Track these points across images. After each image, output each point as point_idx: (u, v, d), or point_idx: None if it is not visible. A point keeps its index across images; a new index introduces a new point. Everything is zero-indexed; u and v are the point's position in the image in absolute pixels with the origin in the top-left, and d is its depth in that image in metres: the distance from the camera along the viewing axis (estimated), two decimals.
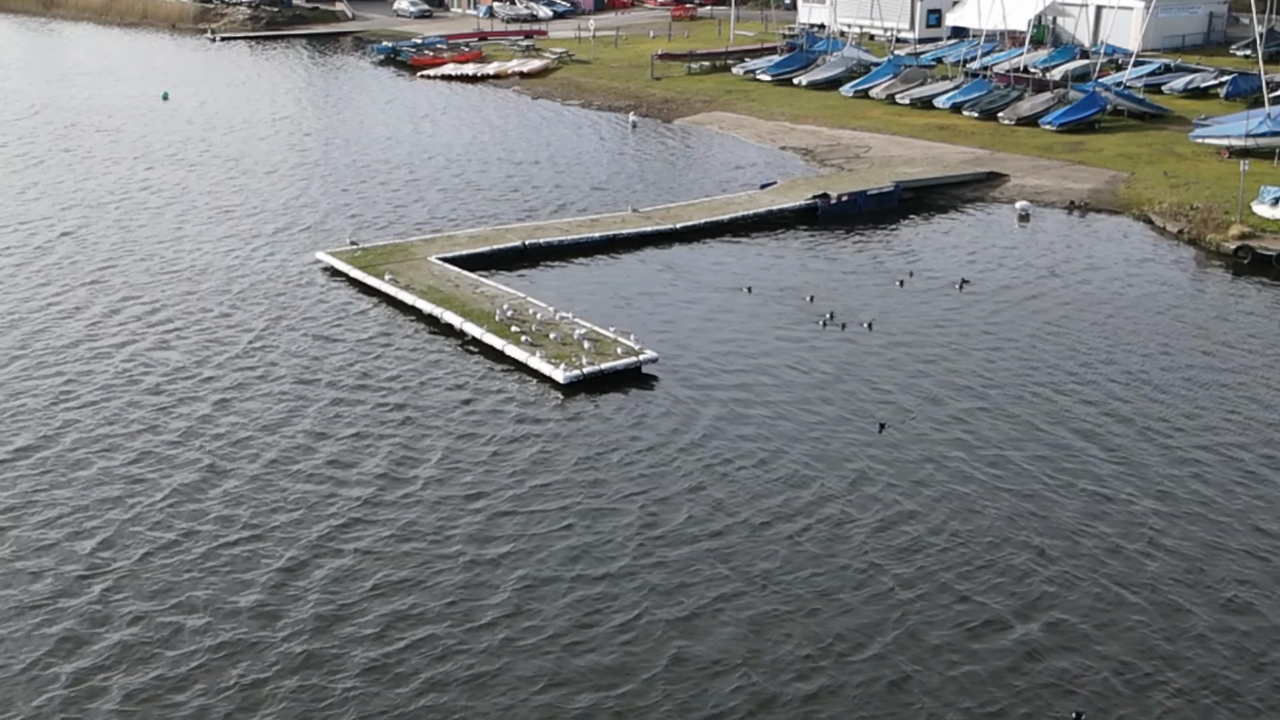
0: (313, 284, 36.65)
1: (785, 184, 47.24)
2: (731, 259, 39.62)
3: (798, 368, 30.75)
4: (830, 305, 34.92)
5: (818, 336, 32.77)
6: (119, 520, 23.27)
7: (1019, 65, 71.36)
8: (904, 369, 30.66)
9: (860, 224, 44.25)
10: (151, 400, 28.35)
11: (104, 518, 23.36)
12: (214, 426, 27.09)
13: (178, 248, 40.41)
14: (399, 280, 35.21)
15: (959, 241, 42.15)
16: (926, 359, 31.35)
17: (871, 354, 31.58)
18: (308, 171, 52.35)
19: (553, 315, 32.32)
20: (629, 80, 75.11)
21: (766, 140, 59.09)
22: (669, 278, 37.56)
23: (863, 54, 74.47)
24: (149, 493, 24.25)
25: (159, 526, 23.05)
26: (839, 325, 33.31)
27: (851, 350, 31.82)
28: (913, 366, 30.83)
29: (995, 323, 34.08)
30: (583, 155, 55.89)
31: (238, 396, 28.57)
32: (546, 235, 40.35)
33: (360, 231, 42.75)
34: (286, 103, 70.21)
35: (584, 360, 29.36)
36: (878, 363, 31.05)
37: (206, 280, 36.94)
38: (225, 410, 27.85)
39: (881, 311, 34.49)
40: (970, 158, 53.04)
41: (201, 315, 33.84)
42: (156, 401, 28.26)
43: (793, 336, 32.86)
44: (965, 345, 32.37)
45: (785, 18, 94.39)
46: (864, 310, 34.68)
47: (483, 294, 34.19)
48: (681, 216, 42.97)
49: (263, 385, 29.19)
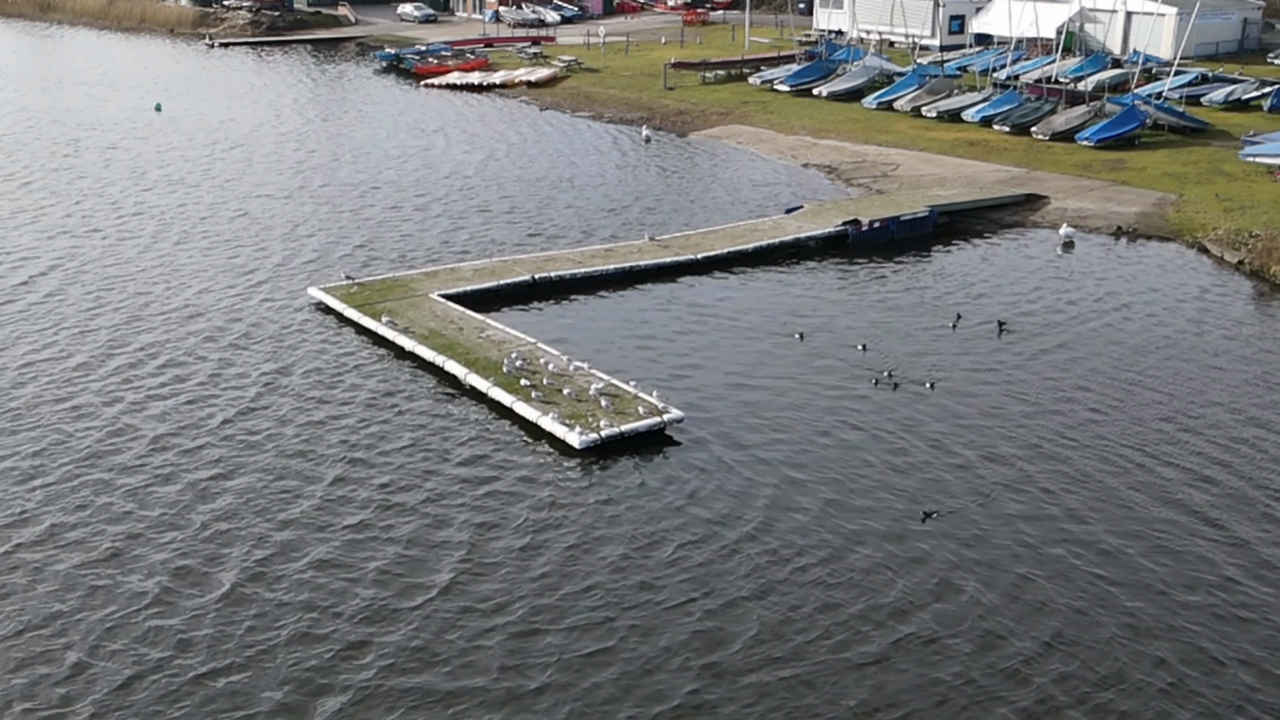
0: (306, 327, 33.60)
1: (812, 208, 44.25)
2: (759, 294, 36.59)
3: (851, 431, 27.27)
4: (878, 351, 31.64)
5: (871, 393, 29.34)
6: (94, 635, 20.25)
7: (1048, 75, 68.40)
8: (972, 432, 27.26)
9: (893, 252, 41.25)
10: (125, 483, 24.94)
11: (81, 625, 20.38)
12: (190, 518, 23.56)
13: (168, 283, 37.36)
14: (397, 323, 32.26)
15: (1000, 272, 39.12)
16: (992, 416, 28.05)
17: (933, 414, 28.14)
18: (307, 194, 49.43)
19: (566, 365, 29.36)
20: (641, 90, 72.20)
21: (788, 156, 56.11)
22: (692, 317, 34.51)
23: (885, 63, 71.46)
24: (130, 603, 21.04)
25: (143, 642, 19.81)
26: (892, 385, 29.64)
27: (910, 409, 28.39)
28: (981, 428, 27.44)
29: (1060, 371, 30.82)
30: (594, 173, 52.94)
31: (216, 481, 24.91)
32: (558, 267, 37.40)
33: (362, 257, 39.83)
34: (286, 115, 67.32)
35: (601, 421, 26.36)
36: (941, 425, 27.53)
37: (195, 324, 33.88)
38: (203, 499, 24.20)
39: (937, 364, 30.97)
40: (1005, 177, 50.03)
41: (186, 371, 30.51)
42: (130, 485, 24.87)
43: (840, 390, 29.46)
44: (1033, 398, 29.05)
45: (800, 23, 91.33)
46: (913, 355, 31.64)
47: (489, 339, 31.24)
48: (702, 245, 40.01)
49: (244, 462, 25.69)
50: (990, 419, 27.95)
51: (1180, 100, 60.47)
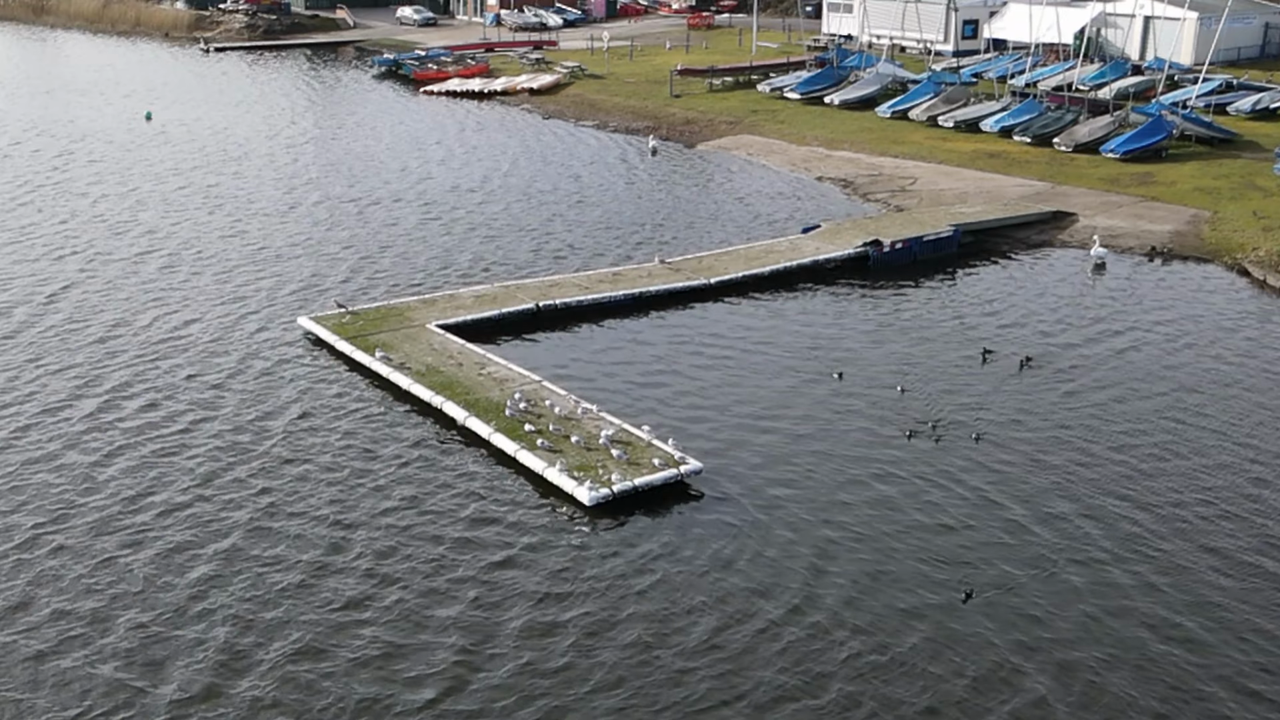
0: (295, 362, 31.38)
1: (830, 228, 42.08)
2: (780, 323, 34.38)
3: (889, 484, 24.86)
4: (916, 393, 29.20)
5: (909, 441, 26.99)
6: None
7: (1067, 82, 66.21)
8: (1020, 486, 24.82)
9: (917, 275, 39.09)
10: (91, 548, 22.79)
11: None
12: (158, 597, 21.22)
13: (150, 312, 35.11)
14: (392, 358, 30.10)
15: (1031, 298, 36.93)
16: (1040, 467, 25.61)
17: (975, 465, 25.76)
18: (299, 212, 47.30)
19: (573, 407, 27.19)
20: (646, 98, 70.03)
21: (800, 169, 53.95)
22: (708, 349, 32.29)
23: (898, 70, 69.26)
24: (86, 701, 18.79)
25: None
26: (935, 438, 27.04)
27: (950, 458, 26.01)
28: (1030, 483, 24.94)
29: (1107, 413, 28.44)
30: (600, 187, 50.77)
31: (189, 549, 22.47)
32: (563, 294, 35.25)
33: (357, 280, 37.70)
34: (279, 125, 65.15)
35: (613, 474, 24.19)
36: (986, 478, 25.13)
37: (176, 359, 31.64)
38: (173, 570, 21.82)
39: (973, 405, 28.65)
40: (1030, 192, 47.87)
41: (162, 415, 28.20)
42: (96, 551, 22.72)
43: (875, 436, 27.05)
44: (1083, 445, 26.62)
45: (808, 27, 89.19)
46: (945, 392, 29.45)
47: (490, 376, 29.08)
48: (715, 268, 37.85)
49: (221, 526, 23.30)
50: (1038, 471, 25.62)
51: (1208, 109, 58.24)
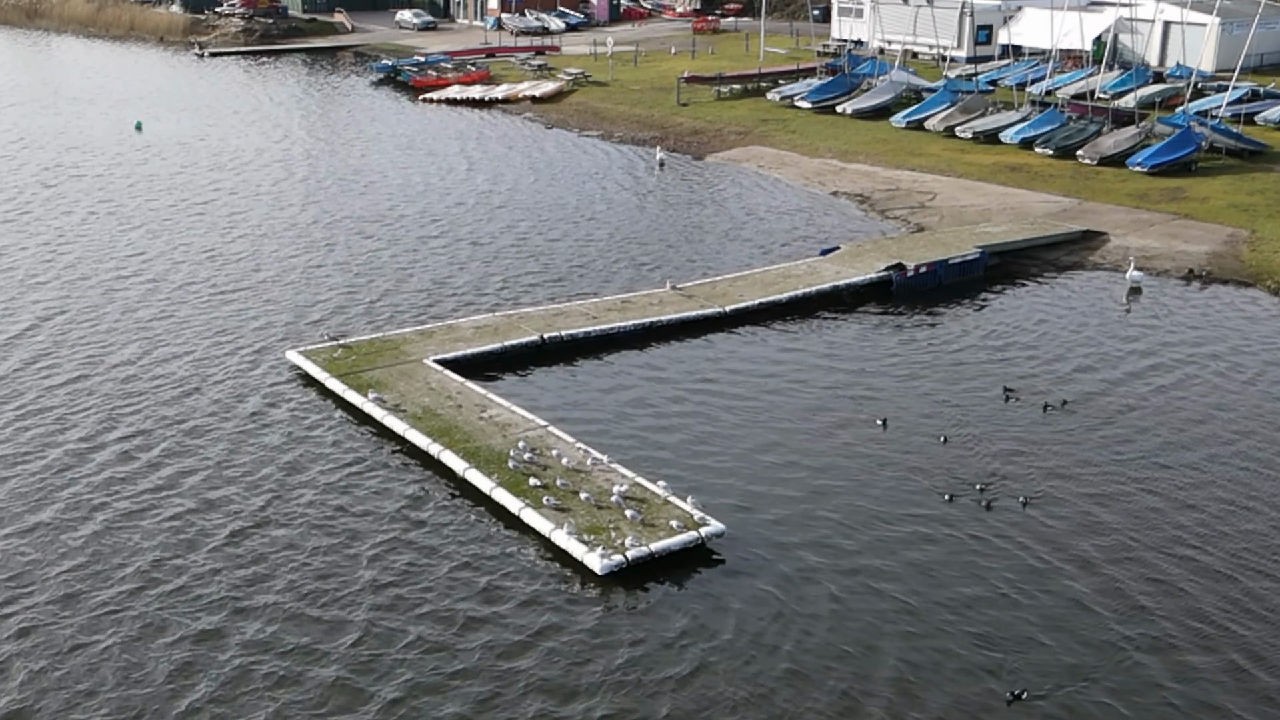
0: (283, 403, 29.19)
1: (850, 249, 39.94)
2: (802, 357, 32.16)
3: (935, 549, 22.64)
4: (960, 445, 26.84)
5: (948, 499, 24.74)
6: None
7: (1087, 90, 64.06)
8: (1076, 556, 22.44)
9: (942, 300, 36.96)
10: (37, 643, 20.99)
11: None
12: (136, 697, 19.14)
13: (129, 345, 32.92)
14: (385, 399, 27.97)
15: (1065, 327, 34.76)
16: (1093, 533, 23.26)
17: (1025, 529, 23.40)
18: (291, 232, 45.18)
19: (582, 458, 25.05)
20: (652, 106, 67.92)
21: (814, 183, 51.82)
22: (726, 387, 30.09)
23: (912, 78, 67.12)
24: None
25: None
26: (984, 504, 24.40)
27: (998, 520, 23.74)
28: (1087, 553, 22.48)
29: (1164, 464, 26.09)
30: (606, 203, 48.64)
31: (148, 634, 20.23)
32: (569, 324, 33.13)
33: (351, 308, 35.57)
34: (273, 137, 63.02)
35: (627, 537, 22.06)
36: (1040, 549, 22.67)
37: (153, 399, 29.52)
38: (151, 661, 19.89)
39: (1021, 455, 26.38)
40: (1056, 209, 45.73)
41: (131, 469, 25.91)
42: (43, 645, 20.93)
43: (915, 493, 24.83)
44: (1140, 505, 24.26)
45: (816, 32, 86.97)
46: (981, 436, 27.38)
47: (492, 420, 26.94)
48: (730, 295, 35.72)
49: (194, 601, 21.19)
50: (1092, 534, 23.27)
51: (1236, 120, 56.06)
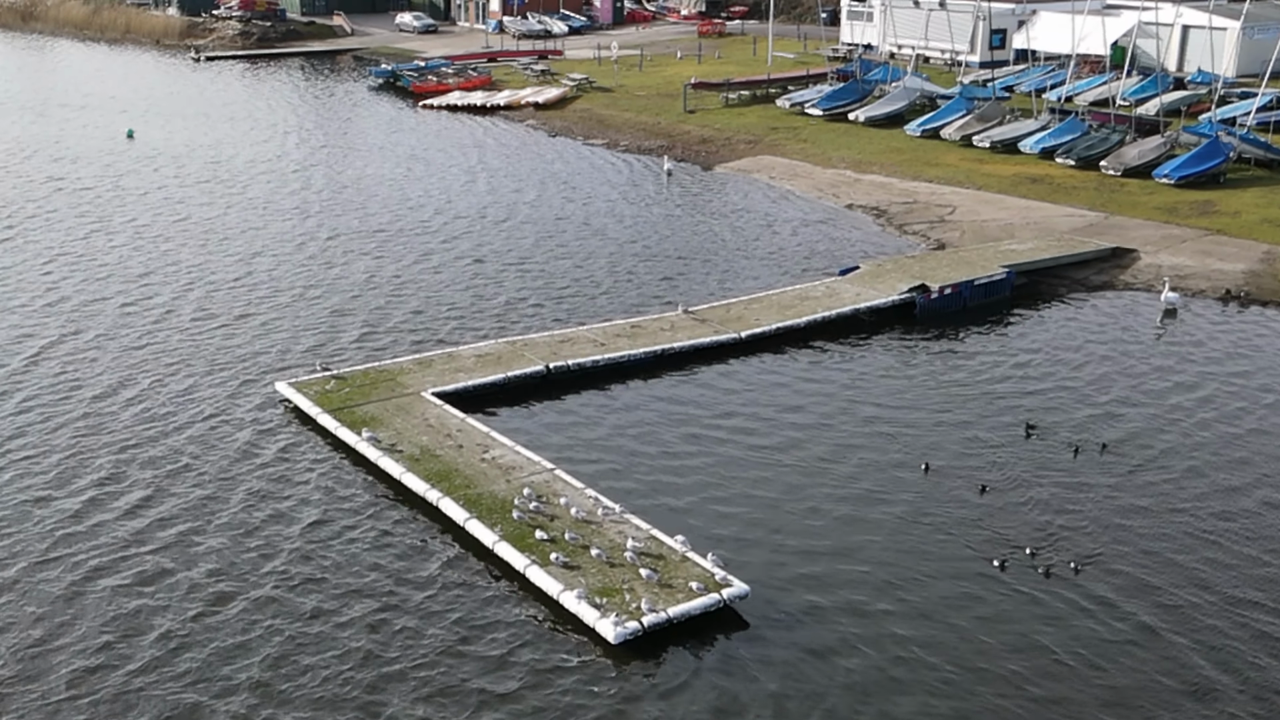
0: (270, 439, 27.34)
1: (870, 269, 38.06)
2: (825, 389, 30.25)
3: (981, 618, 20.69)
4: (999, 494, 24.85)
5: (1000, 565, 22.44)
6: None
7: (1106, 97, 62.22)
8: (1133, 628, 20.63)
9: (968, 324, 35.12)
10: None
11: None
12: None
13: (107, 377, 31.02)
14: (380, 439, 26.12)
15: (1100, 355, 32.89)
16: (1156, 606, 21.28)
17: (1081, 596, 21.31)
18: (283, 249, 43.35)
19: (592, 506, 23.20)
20: (659, 113, 66.08)
21: (828, 195, 49.96)
22: (746, 424, 28.18)
23: (926, 84, 65.26)
24: None
25: None
26: (1042, 571, 22.14)
27: (1053, 585, 21.83)
28: (1149, 630, 20.50)
29: (1223, 514, 24.14)
30: (612, 216, 46.80)
31: (121, 707, 18.88)
32: (576, 352, 31.28)
33: (345, 332, 33.73)
34: (270, 147, 61.19)
35: (642, 601, 20.20)
36: (1093, 624, 20.59)
37: (131, 434, 27.76)
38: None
39: (1067, 510, 24.39)
40: (1082, 224, 43.87)
41: (102, 515, 24.30)
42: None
43: (956, 547, 22.85)
44: (1205, 568, 22.25)
45: (824, 35, 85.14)
46: (1018, 482, 25.54)
47: (495, 463, 25.09)
48: (745, 319, 33.88)
49: (165, 672, 19.73)
50: (1150, 604, 21.26)
51: (1265, 129, 54.16)
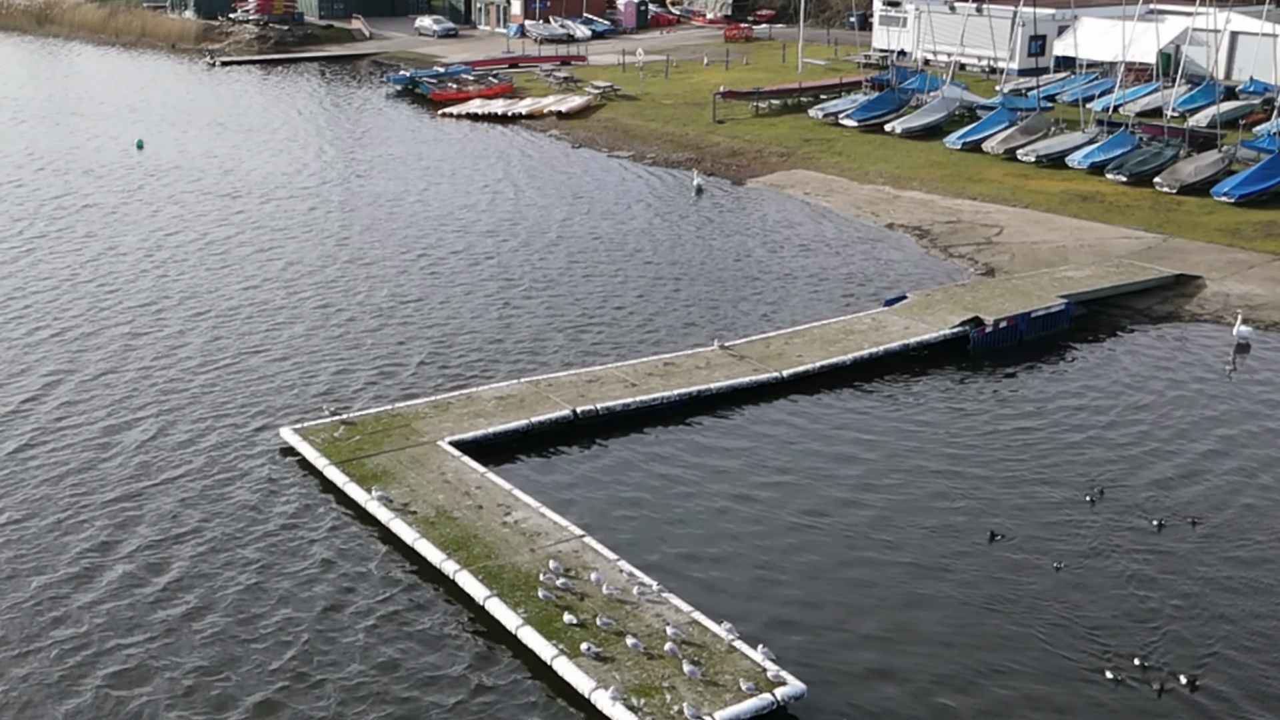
0: (273, 496, 24.98)
1: (918, 299, 35.57)
2: (878, 439, 27.55)
3: None
4: (1075, 576, 22.14)
5: (1116, 681, 19.27)
6: None
7: (1155, 107, 59.57)
8: None
9: (1026, 360, 32.63)
10: None
11: None
12: None
13: (98, 420, 28.73)
14: (392, 498, 23.80)
15: (1170, 399, 30.23)
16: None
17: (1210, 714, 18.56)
18: (292, 274, 41.11)
19: (626, 582, 20.82)
20: (686, 123, 63.67)
21: (867, 213, 47.48)
22: (795, 480, 25.67)
23: (965, 93, 62.70)
24: None
25: None
26: (1157, 688, 18.96)
27: (1169, 697, 18.99)
28: None
29: None
30: (640, 235, 44.41)
31: None
32: (604, 394, 28.90)
33: (355, 370, 31.45)
34: (284, 160, 58.99)
35: (684, 701, 17.79)
36: None
37: (118, 486, 25.57)
38: None
39: (1187, 616, 21.21)
40: (1139, 247, 41.30)
41: (72, 593, 22.35)
42: None
43: (1035, 633, 20.35)
44: None
45: (855, 40, 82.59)
46: (1103, 559, 23.06)
47: (518, 528, 22.73)
48: (786, 355, 31.45)
49: None
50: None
51: None
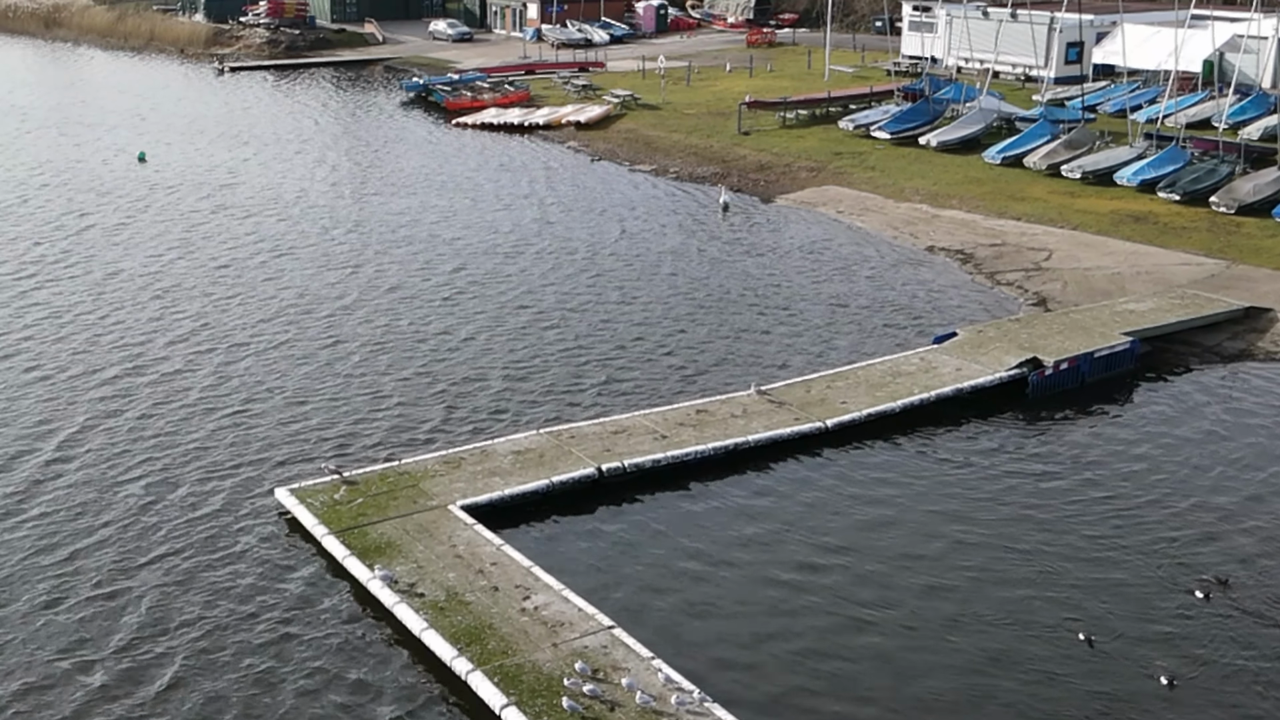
0: (260, 567, 22.41)
1: (969, 336, 32.87)
2: (935, 503, 25.03)
3: None
4: (1190, 681, 19.61)
5: None
6: None
7: (1201, 119, 56.80)
8: None
9: (1089, 406, 29.94)
10: None
11: None
12: None
13: (68, 475, 26.43)
14: (397, 578, 21.24)
15: (1266, 450, 27.57)
16: None
17: None
18: (297, 308, 38.62)
19: (663, 688, 18.22)
20: (710, 134, 61.02)
21: (905, 234, 44.79)
22: (847, 561, 23.07)
23: (1003, 104, 59.94)
24: None
25: None
26: None
27: None
28: None
29: None
30: (667, 260, 41.75)
31: None
32: (632, 447, 26.28)
33: (361, 416, 28.90)
34: (291, 174, 56.49)
35: None
36: None
37: (91, 554, 23.17)
38: None
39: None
40: (1201, 274, 38.55)
41: (46, 677, 19.96)
42: None
43: None
44: None
45: (882, 46, 79.84)
46: (1223, 671, 20.44)
47: (538, 616, 20.15)
48: (829, 402, 28.80)
49: None
50: None
51: None
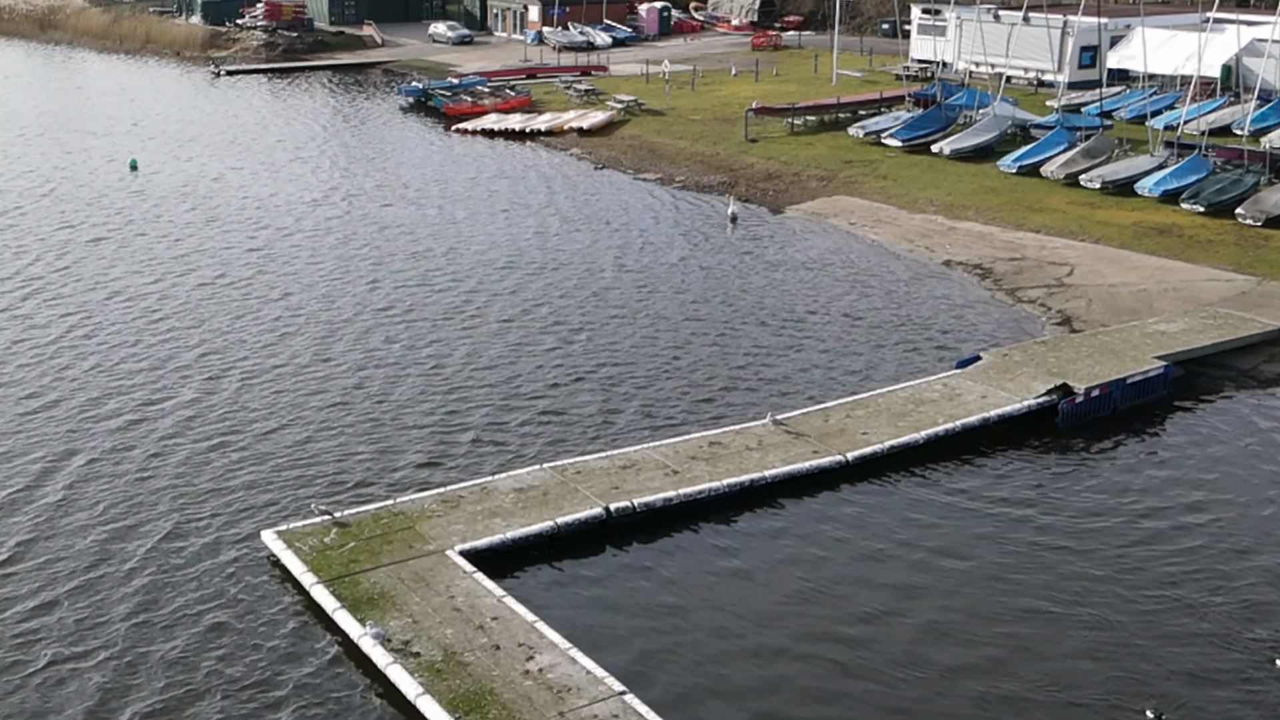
0: (241, 620, 20.88)
1: (994, 359, 31.30)
2: (968, 549, 23.38)
3: None
4: None
5: None
6: None
7: (1221, 126, 55.30)
8: None
9: (1123, 437, 28.36)
10: None
11: None
12: None
13: (49, 516, 25.02)
14: (390, 637, 19.69)
15: None
16: None
17: None
18: (287, 331, 37.09)
19: None
20: (716, 141, 59.52)
21: (920, 247, 43.25)
22: (874, 614, 21.56)
23: (1018, 111, 58.41)
24: None
25: None
26: None
27: None
28: None
29: None
30: (673, 276, 40.23)
31: None
32: (642, 485, 24.72)
33: (349, 454, 27.30)
34: (285, 185, 55.01)
35: None
36: None
37: (74, 626, 21.68)
38: None
39: None
40: (1232, 292, 37.01)
41: None
42: None
43: None
44: None
45: (890, 50, 78.34)
46: None
47: (543, 679, 18.61)
48: (849, 433, 27.24)
49: None
50: None
51: None
